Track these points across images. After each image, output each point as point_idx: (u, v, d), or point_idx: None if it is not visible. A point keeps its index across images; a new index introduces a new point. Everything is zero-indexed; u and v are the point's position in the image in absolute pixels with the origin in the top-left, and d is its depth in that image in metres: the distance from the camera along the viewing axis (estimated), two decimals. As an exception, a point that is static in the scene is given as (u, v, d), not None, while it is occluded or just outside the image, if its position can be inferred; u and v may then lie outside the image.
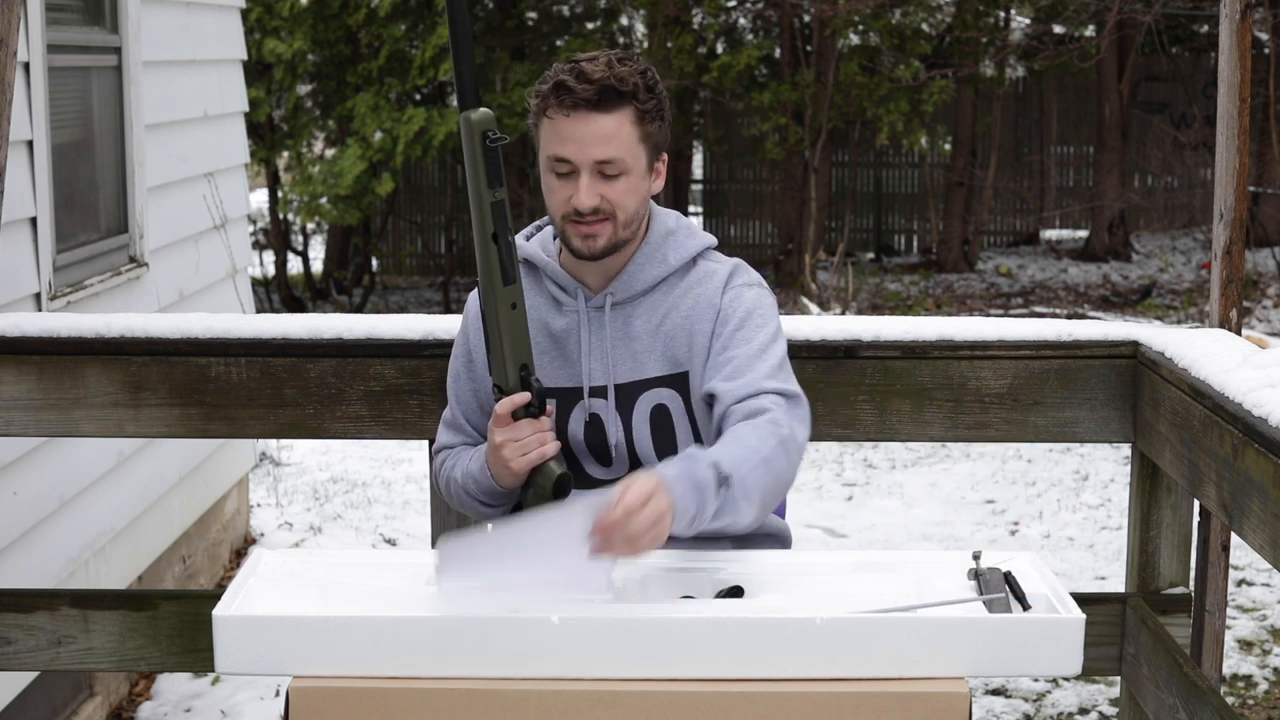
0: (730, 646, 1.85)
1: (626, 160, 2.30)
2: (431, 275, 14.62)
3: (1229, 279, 2.88)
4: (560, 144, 2.29)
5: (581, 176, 2.29)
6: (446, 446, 2.52)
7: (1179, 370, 2.58)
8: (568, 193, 2.30)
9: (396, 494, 6.81)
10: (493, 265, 2.25)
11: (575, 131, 2.27)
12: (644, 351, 2.39)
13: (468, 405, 2.49)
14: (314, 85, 12.88)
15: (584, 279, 2.41)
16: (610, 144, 2.28)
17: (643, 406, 2.38)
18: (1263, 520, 2.20)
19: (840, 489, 7.00)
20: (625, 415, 2.38)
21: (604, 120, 2.27)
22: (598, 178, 2.29)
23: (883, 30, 13.07)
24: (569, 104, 2.28)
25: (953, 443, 3.45)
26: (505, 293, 2.26)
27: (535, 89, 2.37)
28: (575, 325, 2.40)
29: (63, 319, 2.95)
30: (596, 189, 2.29)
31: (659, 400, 2.38)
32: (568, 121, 2.28)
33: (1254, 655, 4.96)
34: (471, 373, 2.47)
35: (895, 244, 15.86)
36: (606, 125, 2.27)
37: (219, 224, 5.59)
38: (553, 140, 2.30)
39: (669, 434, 2.39)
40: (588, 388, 2.39)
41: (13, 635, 2.94)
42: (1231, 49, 2.82)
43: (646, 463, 2.38)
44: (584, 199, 2.29)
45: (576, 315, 2.40)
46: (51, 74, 4.21)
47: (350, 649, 1.86)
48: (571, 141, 2.28)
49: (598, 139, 2.27)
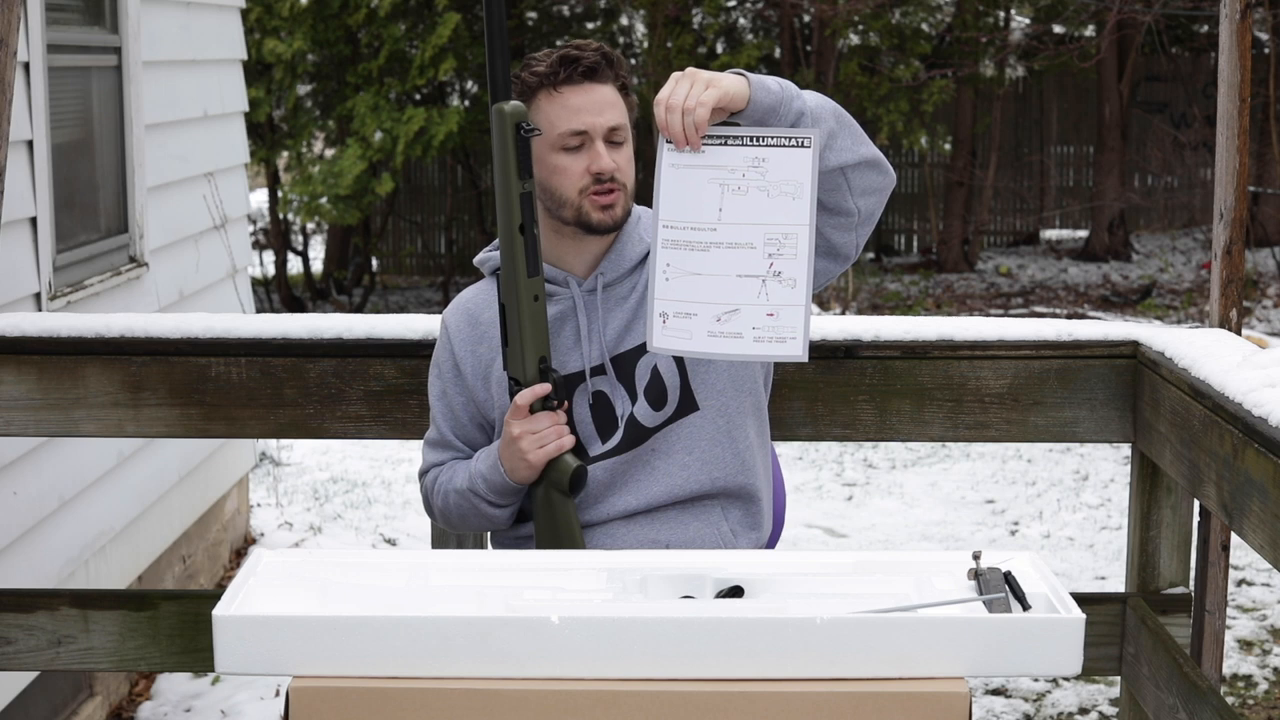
0: (730, 646, 1.85)
1: (627, 128, 2.39)
2: (431, 275, 14.62)
3: (1229, 279, 2.88)
4: (574, 116, 2.35)
5: (597, 143, 2.35)
6: (436, 464, 2.52)
7: (1179, 370, 2.58)
8: (584, 164, 2.36)
9: (396, 494, 6.81)
10: (518, 256, 2.28)
11: (588, 101, 2.35)
12: (634, 320, 2.43)
13: (458, 419, 2.49)
14: (314, 85, 12.87)
15: (569, 268, 2.44)
16: (615, 110, 2.37)
17: (642, 369, 2.43)
18: (1263, 520, 2.20)
19: (840, 489, 7.00)
20: (628, 383, 2.42)
21: (605, 89, 2.37)
22: (608, 145, 2.37)
23: (883, 30, 13.07)
24: (578, 74, 2.35)
25: (953, 443, 3.45)
26: (529, 284, 2.29)
27: (527, 73, 2.40)
28: (571, 311, 2.43)
29: (63, 319, 2.95)
30: (610, 155, 2.37)
31: (653, 362, 2.43)
32: (579, 91, 2.35)
33: (1254, 655, 4.96)
34: (461, 383, 2.48)
35: (895, 244, 15.86)
36: (608, 94, 2.37)
37: (219, 224, 5.59)
38: (564, 115, 2.36)
39: (659, 383, 2.43)
40: (589, 369, 2.42)
41: (13, 635, 2.94)
42: (1231, 49, 2.82)
43: (641, 417, 2.42)
44: (606, 161, 2.35)
45: (571, 302, 2.43)
46: (51, 74, 4.21)
47: (350, 649, 1.86)
48: (586, 111, 2.34)
49: (606, 106, 2.36)
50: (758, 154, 2.21)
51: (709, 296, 2.23)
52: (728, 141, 2.22)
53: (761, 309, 2.22)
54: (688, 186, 2.23)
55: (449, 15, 11.64)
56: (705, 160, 2.22)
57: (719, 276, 2.23)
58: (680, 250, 2.23)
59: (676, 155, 2.23)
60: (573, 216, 2.38)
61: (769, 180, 2.21)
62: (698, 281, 2.24)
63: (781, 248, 2.21)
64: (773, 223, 2.21)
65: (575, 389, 2.42)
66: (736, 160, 2.22)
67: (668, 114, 2.20)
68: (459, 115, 11.66)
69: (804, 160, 2.20)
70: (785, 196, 2.20)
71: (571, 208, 2.38)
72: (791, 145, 2.21)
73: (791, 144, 2.21)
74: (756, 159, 2.21)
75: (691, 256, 2.23)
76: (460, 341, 2.48)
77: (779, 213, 2.21)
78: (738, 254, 2.22)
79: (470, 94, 13.13)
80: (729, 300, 2.23)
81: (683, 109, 2.19)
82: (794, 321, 2.22)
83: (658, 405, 2.43)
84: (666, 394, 2.43)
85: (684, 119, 2.19)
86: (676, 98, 2.20)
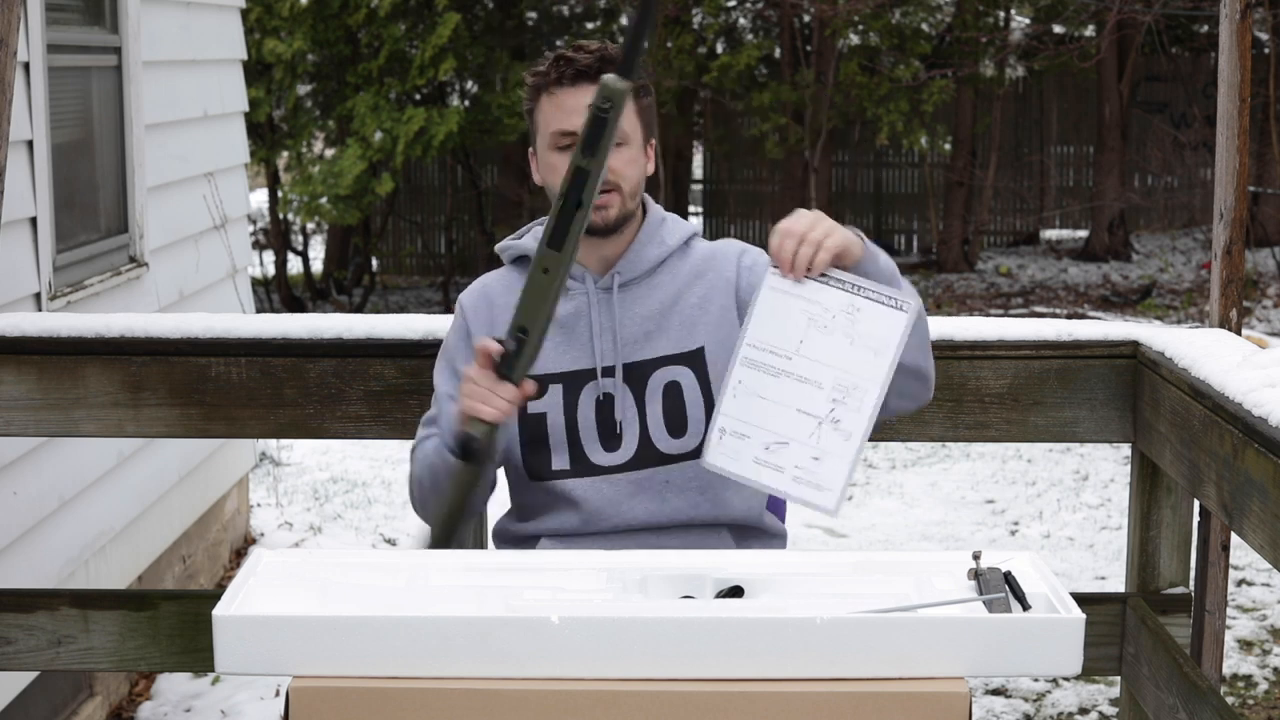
0: (730, 646, 1.85)
1: (626, 129, 2.36)
2: (431, 275, 14.61)
3: (1229, 279, 2.88)
4: (565, 117, 2.35)
5: None
6: (428, 437, 2.49)
7: (1179, 370, 2.58)
8: None
9: (396, 494, 6.81)
10: (549, 223, 2.20)
11: (579, 102, 2.32)
12: (656, 331, 2.42)
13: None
14: (314, 85, 12.86)
15: (586, 264, 2.44)
16: None
17: (655, 384, 2.41)
18: (1263, 520, 2.20)
19: (840, 489, 6.99)
20: (638, 393, 2.41)
21: None
22: None
23: (883, 30, 13.07)
24: (571, 75, 2.34)
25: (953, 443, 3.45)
26: (545, 254, 2.17)
27: (530, 73, 2.42)
28: (585, 308, 2.43)
29: (63, 319, 2.95)
30: None
31: (672, 377, 2.41)
32: (570, 92, 2.34)
33: (1254, 655, 4.96)
34: (472, 354, 2.44)
35: (895, 244, 15.86)
36: None
37: (219, 224, 5.59)
38: (556, 115, 2.36)
39: (680, 409, 2.41)
40: (600, 368, 2.41)
41: (13, 635, 2.94)
42: (1231, 49, 2.82)
43: (656, 438, 2.41)
44: None
45: (585, 298, 2.43)
46: (51, 74, 4.21)
47: (350, 649, 1.86)
48: (576, 113, 2.32)
49: None
50: (855, 302, 2.20)
51: (765, 423, 2.22)
52: (830, 282, 2.21)
53: (809, 450, 2.21)
54: (779, 312, 2.22)
55: (449, 15, 11.64)
56: (804, 292, 2.21)
57: (780, 406, 2.22)
58: (754, 370, 2.23)
59: (779, 280, 2.22)
60: None
61: (857, 330, 2.20)
62: (761, 406, 2.23)
63: (848, 396, 2.20)
64: (847, 369, 2.20)
65: (583, 386, 2.42)
66: (833, 302, 2.21)
67: (785, 239, 2.19)
68: (459, 115, 11.66)
69: (897, 322, 2.19)
70: (868, 350, 2.19)
71: None
72: (889, 305, 2.20)
73: (890, 304, 2.20)
74: (852, 306, 2.20)
75: (762, 379, 2.22)
76: (476, 321, 2.48)
77: (856, 363, 2.20)
78: (804, 389, 2.21)
79: (470, 94, 13.13)
80: (782, 432, 2.22)
81: (806, 239, 2.18)
82: (836, 473, 2.21)
83: (676, 432, 2.42)
84: (687, 424, 2.41)
85: (803, 249, 2.18)
86: (801, 227, 2.19)
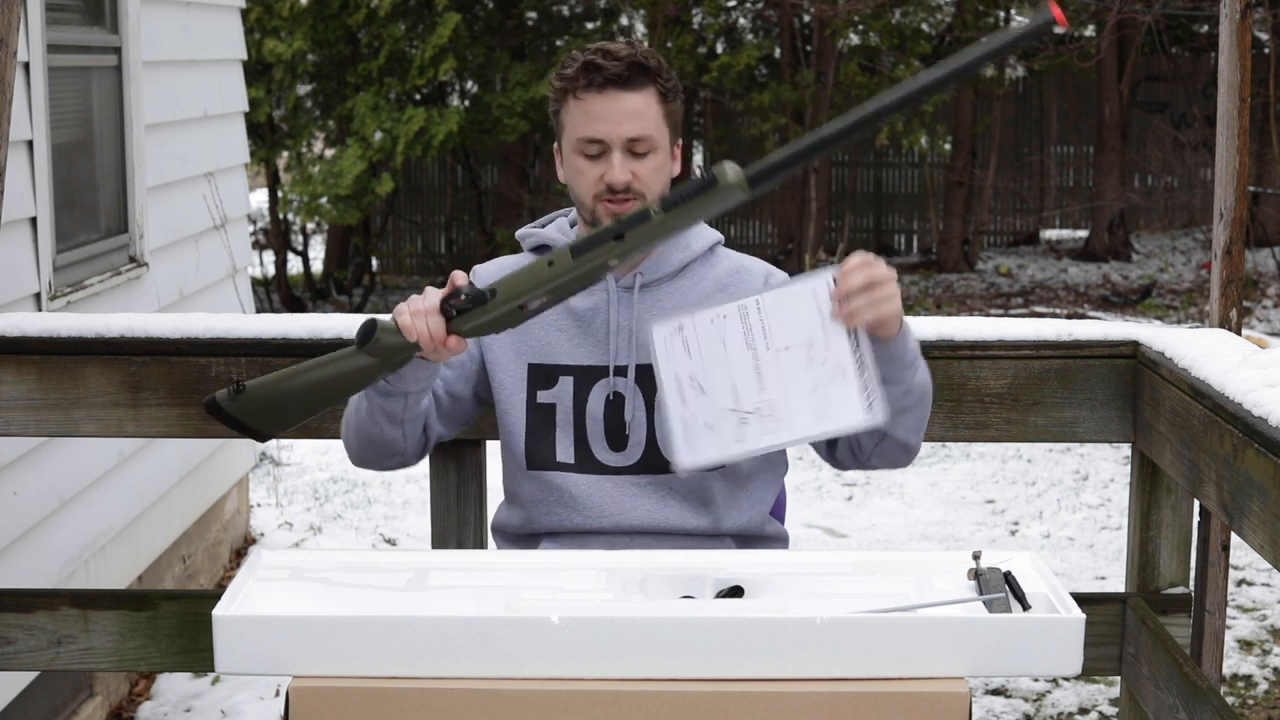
0: (730, 646, 1.85)
1: (654, 138, 2.34)
2: (431, 275, 14.61)
3: (1229, 279, 2.88)
4: (592, 124, 2.33)
5: (614, 154, 2.33)
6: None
7: (1179, 370, 2.58)
8: (599, 171, 2.34)
9: (396, 494, 6.81)
10: (588, 235, 2.16)
11: (607, 109, 2.31)
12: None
13: (456, 361, 2.44)
14: (314, 85, 12.87)
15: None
16: (640, 121, 2.33)
17: None
18: (1263, 520, 2.20)
19: (840, 489, 7.00)
20: (649, 396, 2.40)
21: (633, 98, 2.33)
22: (628, 156, 2.33)
23: (883, 30, 13.07)
24: (599, 82, 2.32)
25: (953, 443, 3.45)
26: (562, 253, 2.15)
27: (557, 74, 2.39)
28: (604, 304, 2.42)
29: (63, 319, 2.95)
30: (628, 166, 2.33)
31: None
32: (599, 99, 2.32)
33: (1254, 655, 4.96)
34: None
35: (895, 244, 15.86)
36: (636, 103, 2.33)
37: (219, 224, 5.59)
38: (583, 121, 2.34)
39: None
40: (614, 366, 2.41)
41: (13, 635, 2.94)
42: (1231, 49, 2.83)
43: (662, 445, 2.39)
44: (618, 174, 2.32)
45: (605, 294, 2.42)
46: (51, 74, 4.21)
47: (350, 649, 1.86)
48: (603, 120, 2.32)
49: (628, 116, 2.32)
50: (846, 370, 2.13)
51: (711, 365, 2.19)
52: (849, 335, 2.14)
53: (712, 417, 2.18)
54: (798, 311, 2.15)
55: (449, 15, 11.64)
56: (826, 319, 2.14)
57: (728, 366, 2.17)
58: (741, 323, 2.18)
59: (824, 290, 2.14)
60: (590, 218, 2.38)
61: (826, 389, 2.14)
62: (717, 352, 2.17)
63: (768, 421, 2.15)
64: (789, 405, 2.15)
65: (595, 382, 2.42)
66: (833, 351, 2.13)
67: (862, 276, 2.11)
68: (459, 115, 11.66)
69: (855, 416, 2.13)
70: (817, 410, 2.13)
71: (588, 210, 2.38)
72: (863, 399, 2.13)
73: (865, 398, 2.13)
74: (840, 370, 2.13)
75: (738, 334, 2.17)
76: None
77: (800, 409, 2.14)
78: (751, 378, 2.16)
79: (470, 94, 13.13)
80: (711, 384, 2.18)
81: (873, 297, 2.12)
82: (709, 453, 2.18)
83: None
84: None
85: (861, 300, 2.11)
86: (880, 277, 2.12)
